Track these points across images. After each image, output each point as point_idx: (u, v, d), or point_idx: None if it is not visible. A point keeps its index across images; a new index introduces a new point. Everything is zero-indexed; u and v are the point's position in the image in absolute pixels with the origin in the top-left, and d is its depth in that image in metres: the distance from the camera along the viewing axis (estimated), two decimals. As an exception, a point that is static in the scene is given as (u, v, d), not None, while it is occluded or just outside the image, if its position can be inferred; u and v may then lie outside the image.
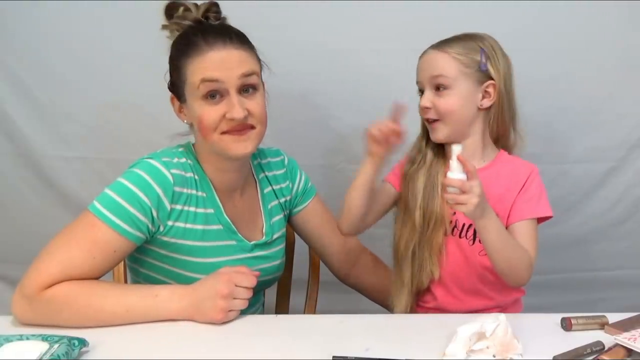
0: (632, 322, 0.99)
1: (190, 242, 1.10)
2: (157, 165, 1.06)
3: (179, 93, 1.10)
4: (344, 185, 1.73)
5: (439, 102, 1.19)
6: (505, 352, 0.89)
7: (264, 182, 1.25)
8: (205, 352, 0.93)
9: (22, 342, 0.89)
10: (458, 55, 1.18)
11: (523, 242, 1.16)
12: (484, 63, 1.18)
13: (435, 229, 1.22)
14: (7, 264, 1.82)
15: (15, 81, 1.64)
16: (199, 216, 1.10)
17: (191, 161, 1.12)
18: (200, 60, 1.04)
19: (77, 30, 1.60)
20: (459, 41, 1.20)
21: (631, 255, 1.79)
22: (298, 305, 1.44)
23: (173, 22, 1.09)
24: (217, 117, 1.05)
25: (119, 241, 1.04)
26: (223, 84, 1.05)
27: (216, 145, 1.08)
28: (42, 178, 1.71)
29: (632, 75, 1.63)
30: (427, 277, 1.24)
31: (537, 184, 1.22)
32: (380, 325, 1.05)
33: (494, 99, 1.20)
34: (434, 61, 1.20)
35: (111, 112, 1.65)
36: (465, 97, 1.19)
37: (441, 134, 1.21)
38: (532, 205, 1.19)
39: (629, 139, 1.67)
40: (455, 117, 1.19)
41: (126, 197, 1.04)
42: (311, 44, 1.61)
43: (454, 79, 1.18)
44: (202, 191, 1.12)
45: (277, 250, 1.24)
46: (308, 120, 1.68)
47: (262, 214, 1.22)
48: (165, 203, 1.06)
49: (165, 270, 1.12)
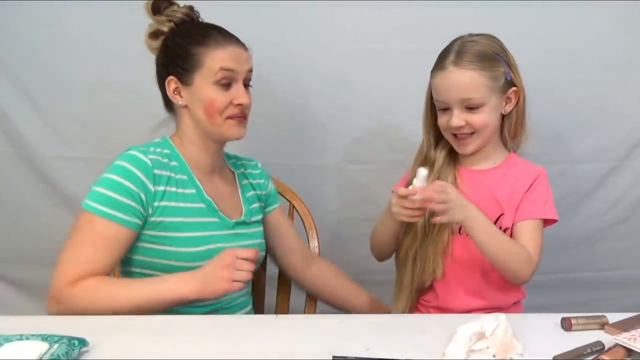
0: (632, 322, 0.99)
1: (176, 218, 1.16)
2: (134, 154, 1.15)
3: (183, 76, 1.18)
4: (344, 185, 1.74)
5: (472, 119, 1.19)
6: (505, 352, 0.89)
7: (241, 176, 1.34)
8: (205, 352, 0.93)
9: (22, 342, 0.88)
10: (485, 72, 1.17)
11: (525, 241, 1.17)
12: (508, 72, 1.19)
13: (441, 229, 1.22)
14: (7, 264, 1.83)
15: (15, 81, 1.64)
16: (181, 195, 1.18)
17: (168, 150, 1.21)
18: (221, 51, 1.17)
19: (77, 30, 1.60)
20: (473, 53, 1.18)
21: (631, 255, 1.79)
22: (298, 305, 1.44)
23: (165, 15, 1.21)
24: (227, 102, 1.18)
25: (118, 231, 1.11)
26: (235, 75, 1.18)
27: (219, 126, 1.19)
28: (42, 178, 1.71)
29: (632, 75, 1.63)
30: (429, 276, 1.25)
31: (544, 187, 1.22)
32: (380, 325, 1.05)
33: (514, 103, 1.21)
34: (461, 82, 1.17)
35: (111, 112, 1.66)
36: (496, 108, 1.21)
37: (472, 147, 1.22)
38: (538, 206, 1.20)
39: (629, 139, 1.67)
40: (489, 129, 1.21)
41: (114, 188, 1.11)
42: (311, 44, 1.62)
43: (486, 97, 1.18)
44: (181, 174, 1.19)
45: (257, 231, 1.30)
46: (308, 120, 1.68)
47: (240, 200, 1.30)
48: (149, 186, 1.13)
49: (155, 250, 1.15)
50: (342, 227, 1.77)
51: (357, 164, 1.71)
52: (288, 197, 1.46)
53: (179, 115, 1.23)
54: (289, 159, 1.71)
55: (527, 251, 1.16)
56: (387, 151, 1.68)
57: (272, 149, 1.70)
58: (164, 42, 1.21)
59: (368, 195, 1.72)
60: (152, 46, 1.23)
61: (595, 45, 1.60)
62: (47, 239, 1.73)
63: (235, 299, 1.24)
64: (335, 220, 1.75)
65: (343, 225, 1.77)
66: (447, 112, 1.21)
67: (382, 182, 1.69)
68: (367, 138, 1.68)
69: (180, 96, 1.20)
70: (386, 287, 1.75)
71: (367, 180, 1.71)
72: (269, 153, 1.70)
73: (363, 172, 1.71)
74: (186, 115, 1.22)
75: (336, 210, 1.75)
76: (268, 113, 1.69)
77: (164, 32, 1.21)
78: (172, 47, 1.20)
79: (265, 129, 1.70)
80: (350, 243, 1.78)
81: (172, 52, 1.19)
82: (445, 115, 1.21)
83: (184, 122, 1.22)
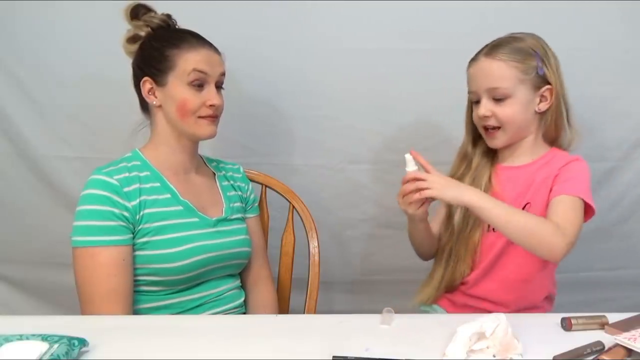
0: (632, 322, 0.99)
1: (156, 223, 1.18)
2: (100, 178, 1.17)
3: (158, 77, 1.22)
4: (344, 185, 1.74)
5: (498, 111, 1.19)
6: (505, 352, 0.89)
7: (221, 178, 1.36)
8: (205, 352, 0.93)
9: (22, 342, 0.88)
10: (514, 63, 1.17)
11: (555, 214, 1.13)
12: (540, 67, 1.17)
13: (474, 227, 1.23)
14: (7, 264, 1.83)
15: (15, 81, 1.64)
16: (157, 201, 1.20)
17: (138, 162, 1.23)
18: (194, 54, 1.21)
19: (77, 30, 1.60)
20: (509, 46, 1.18)
21: (631, 255, 1.79)
22: (298, 305, 1.44)
23: (142, 21, 1.25)
24: (199, 103, 1.22)
25: (118, 251, 1.13)
26: (208, 77, 1.23)
27: (191, 125, 1.23)
28: (42, 178, 1.71)
29: (632, 75, 1.63)
30: (460, 276, 1.27)
31: (579, 169, 1.20)
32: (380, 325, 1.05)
33: (550, 102, 1.19)
34: (489, 71, 1.18)
35: (111, 112, 1.66)
36: (525, 103, 1.19)
37: (500, 141, 1.23)
38: (571, 184, 1.16)
39: (629, 139, 1.67)
40: (516, 124, 1.20)
41: (95, 217, 1.14)
42: (311, 45, 1.61)
43: (512, 88, 1.17)
44: (153, 182, 1.22)
45: (240, 227, 1.32)
46: (308, 120, 1.68)
47: (221, 198, 1.32)
48: (125, 204, 1.15)
49: (143, 257, 1.17)
50: (342, 227, 1.77)
51: (357, 164, 1.71)
52: (288, 197, 1.46)
53: (154, 116, 1.26)
54: (289, 159, 1.71)
55: (552, 222, 1.11)
56: (387, 151, 1.68)
57: (272, 149, 1.70)
58: (141, 46, 1.25)
59: (368, 195, 1.72)
60: (129, 50, 1.27)
61: (596, 45, 1.60)
62: (47, 239, 1.73)
63: (223, 293, 1.26)
64: (335, 220, 1.75)
65: (343, 225, 1.77)
66: (478, 105, 1.22)
67: (382, 182, 1.70)
68: (367, 138, 1.68)
69: (155, 96, 1.23)
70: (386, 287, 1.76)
71: (367, 180, 1.71)
72: (269, 153, 1.71)
73: (363, 172, 1.71)
74: (160, 115, 1.25)
75: (336, 210, 1.75)
76: (268, 113, 1.69)
77: (141, 36, 1.26)
78: (148, 49, 1.24)
79: (265, 129, 1.70)
80: (350, 243, 1.78)
81: (148, 54, 1.24)
82: (477, 108, 1.23)
83: (159, 122, 1.25)
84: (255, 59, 1.62)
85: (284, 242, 1.45)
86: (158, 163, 1.24)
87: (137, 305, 1.18)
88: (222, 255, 1.24)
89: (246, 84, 1.64)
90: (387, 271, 1.76)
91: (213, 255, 1.21)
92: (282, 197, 1.47)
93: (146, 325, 1.04)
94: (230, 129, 1.68)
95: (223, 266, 1.25)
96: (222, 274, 1.26)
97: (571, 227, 1.12)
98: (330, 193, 1.73)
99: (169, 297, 1.19)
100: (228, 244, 1.25)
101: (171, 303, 1.19)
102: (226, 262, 1.25)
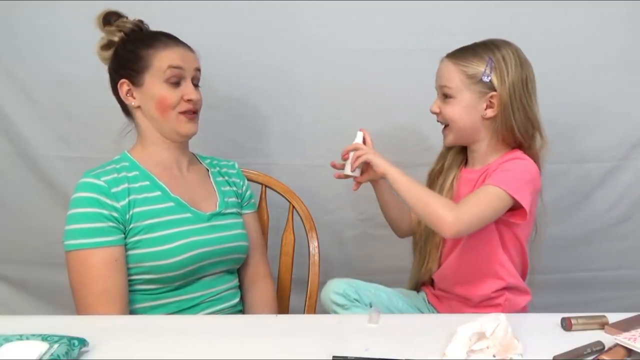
0: (632, 322, 0.99)
1: (147, 221, 1.18)
2: (88, 181, 1.17)
3: (134, 77, 1.23)
4: (344, 185, 1.73)
5: (444, 109, 1.24)
6: (505, 352, 0.89)
7: (215, 173, 1.37)
8: (205, 352, 0.93)
9: (22, 342, 0.88)
10: (463, 66, 1.21)
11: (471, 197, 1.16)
12: (487, 74, 1.19)
13: None
14: (7, 264, 1.83)
15: (15, 81, 1.64)
16: (148, 200, 1.20)
17: (127, 162, 1.24)
18: (169, 52, 1.23)
19: (77, 30, 1.60)
20: (471, 51, 1.22)
21: (631, 255, 1.79)
22: (298, 305, 1.44)
23: (115, 26, 1.26)
24: (177, 98, 1.23)
25: (111, 252, 1.14)
26: (184, 72, 1.24)
27: (171, 122, 1.24)
28: (42, 178, 1.71)
29: (632, 75, 1.63)
30: (428, 271, 1.34)
31: (516, 165, 1.20)
32: (381, 325, 1.05)
33: (496, 110, 1.20)
34: (444, 70, 1.24)
35: (111, 112, 1.65)
36: (467, 107, 1.22)
37: (448, 139, 1.28)
38: (499, 177, 1.17)
39: (629, 139, 1.68)
40: (459, 124, 1.24)
41: (85, 220, 1.14)
42: (311, 45, 1.62)
43: (456, 89, 1.22)
44: (142, 181, 1.22)
45: (236, 221, 1.32)
46: (308, 120, 1.68)
47: (215, 192, 1.32)
48: (114, 204, 1.16)
49: (137, 255, 1.17)
50: (342, 227, 1.77)
51: (357, 164, 1.70)
52: (288, 197, 1.46)
53: (136, 118, 1.27)
54: (289, 159, 1.71)
55: (447, 200, 1.19)
56: (387, 151, 1.67)
57: (273, 149, 1.71)
58: (115, 51, 1.26)
59: (368, 195, 1.72)
60: (104, 57, 1.28)
61: (595, 45, 1.60)
62: (47, 239, 1.73)
63: (219, 292, 1.25)
64: (335, 220, 1.75)
65: (343, 225, 1.77)
66: None
67: (381, 182, 1.70)
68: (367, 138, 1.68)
69: (133, 97, 1.25)
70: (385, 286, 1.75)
71: (367, 180, 1.71)
72: (269, 153, 1.71)
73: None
74: (140, 115, 1.26)
75: (336, 210, 1.75)
76: (268, 113, 1.69)
77: (114, 42, 1.26)
78: (123, 52, 1.25)
79: (265, 129, 1.70)
80: (350, 243, 1.78)
81: (123, 57, 1.25)
82: None
83: (141, 123, 1.27)
84: (256, 59, 1.62)
85: (284, 242, 1.45)
86: (147, 162, 1.25)
87: (133, 304, 1.18)
88: (217, 250, 1.23)
89: (247, 85, 1.64)
90: (387, 271, 1.76)
91: (207, 250, 1.21)
92: (282, 197, 1.47)
93: (146, 325, 1.04)
94: (230, 129, 1.68)
95: (219, 261, 1.25)
96: (219, 270, 1.26)
97: (468, 207, 1.13)
98: (330, 193, 1.73)
99: (165, 295, 1.19)
100: (223, 238, 1.25)
101: (167, 302, 1.19)
102: (222, 257, 1.25)
